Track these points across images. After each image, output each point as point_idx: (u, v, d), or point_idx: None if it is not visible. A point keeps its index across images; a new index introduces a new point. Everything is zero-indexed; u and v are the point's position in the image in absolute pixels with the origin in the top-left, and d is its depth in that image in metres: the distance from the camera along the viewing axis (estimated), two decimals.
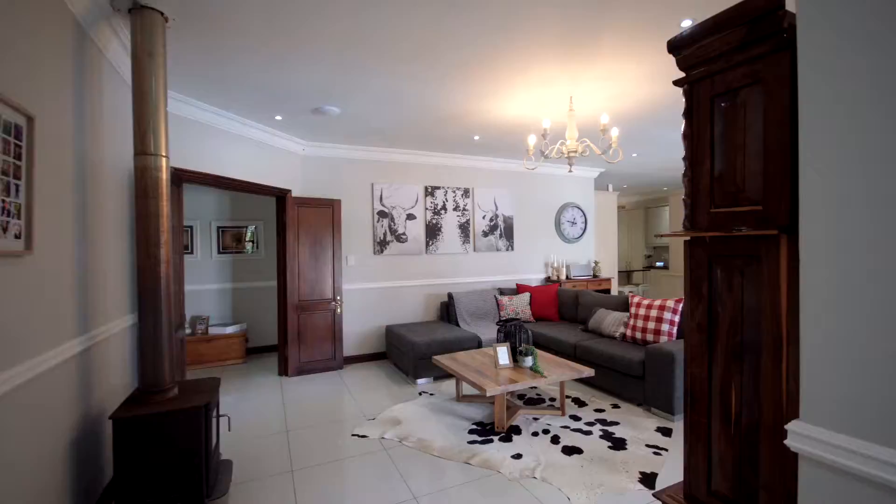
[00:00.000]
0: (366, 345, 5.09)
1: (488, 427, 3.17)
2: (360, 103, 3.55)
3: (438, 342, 4.28)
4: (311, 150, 4.80)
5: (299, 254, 4.50)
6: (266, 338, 5.57)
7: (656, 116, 4.02)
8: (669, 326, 3.76)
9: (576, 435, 3.03)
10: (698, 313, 1.31)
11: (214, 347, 4.96)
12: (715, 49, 1.21)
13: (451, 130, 4.38)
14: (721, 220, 1.23)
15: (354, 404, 3.70)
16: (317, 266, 4.59)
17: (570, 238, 6.48)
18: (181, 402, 2.12)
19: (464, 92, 3.35)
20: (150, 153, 2.16)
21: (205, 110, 3.50)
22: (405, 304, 5.30)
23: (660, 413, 3.37)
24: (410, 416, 3.40)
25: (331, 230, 4.67)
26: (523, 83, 3.20)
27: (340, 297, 4.70)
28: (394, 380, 4.37)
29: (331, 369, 4.67)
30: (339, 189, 4.96)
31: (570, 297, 5.23)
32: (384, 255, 5.16)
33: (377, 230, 5.12)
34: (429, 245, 5.41)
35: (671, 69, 3.01)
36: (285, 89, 3.22)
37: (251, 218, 5.58)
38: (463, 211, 5.64)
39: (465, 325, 4.96)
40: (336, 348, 4.69)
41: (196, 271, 5.27)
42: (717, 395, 1.27)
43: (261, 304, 5.56)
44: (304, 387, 4.17)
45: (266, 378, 4.47)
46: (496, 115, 3.90)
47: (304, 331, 4.52)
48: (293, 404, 3.72)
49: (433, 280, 5.45)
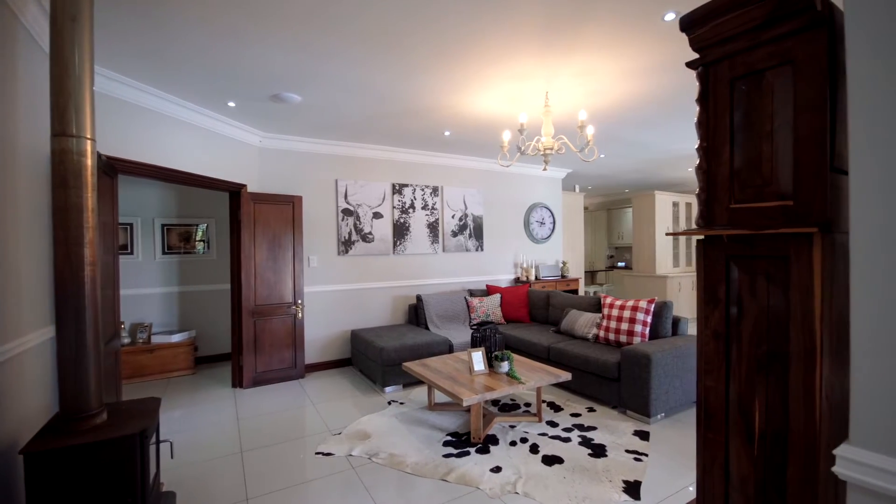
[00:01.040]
0: (329, 351, 4.78)
1: (464, 438, 2.99)
2: (323, 91, 3.27)
3: (408, 347, 4.06)
4: (269, 143, 4.44)
5: (256, 254, 4.14)
6: (218, 346, 5.12)
7: (627, 116, 4.00)
8: (642, 327, 3.74)
9: (555, 443, 2.92)
10: (714, 320, 1.18)
11: (158, 358, 4.49)
12: (735, 26, 1.09)
13: (420, 124, 4.18)
14: (742, 216, 1.11)
15: (318, 417, 3.42)
16: (275, 267, 4.24)
17: (538, 238, 6.44)
18: (111, 430, 1.80)
19: (435, 83, 3.16)
20: (71, 134, 1.82)
21: (146, 92, 3.10)
22: (372, 307, 5.03)
23: (636, 416, 3.32)
24: (380, 428, 3.17)
25: (291, 229, 4.34)
26: (498, 76, 3.05)
27: (302, 301, 4.37)
28: (360, 388, 4.11)
29: (291, 378, 4.33)
30: (301, 185, 4.63)
31: (541, 298, 5.16)
32: (349, 255, 4.88)
33: (342, 229, 4.83)
34: (396, 245, 5.17)
35: (649, 64, 2.97)
36: (240, 71, 2.90)
37: (201, 215, 5.12)
38: (432, 210, 5.45)
39: (434, 328, 4.77)
40: (297, 355, 4.36)
41: (137, 274, 4.76)
42: (736, 411, 1.15)
43: (212, 309, 5.11)
44: (261, 399, 3.83)
45: (218, 390, 4.07)
46: (468, 109, 3.74)
47: (261, 337, 4.16)
48: (248, 420, 3.38)
49: (401, 281, 5.22)
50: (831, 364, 0.99)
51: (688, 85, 3.25)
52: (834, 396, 1.02)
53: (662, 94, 3.44)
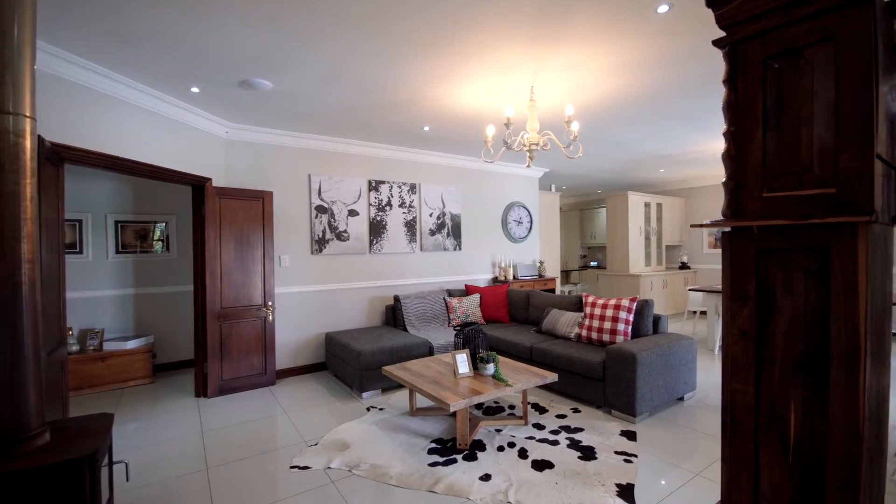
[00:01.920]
0: (302, 355, 4.53)
1: (449, 444, 2.86)
2: (296, 78, 3.06)
3: (387, 350, 3.88)
4: (237, 134, 4.15)
5: (222, 253, 3.85)
6: (180, 352, 4.76)
7: (608, 115, 3.99)
8: (625, 326, 3.73)
9: (543, 446, 2.83)
10: (742, 318, 1.10)
11: (111, 367, 4.11)
12: (769, 1, 1.01)
13: (400, 118, 4.01)
14: (777, 206, 1.03)
15: (291, 427, 3.19)
16: (244, 267, 3.96)
17: (516, 238, 6.40)
18: (55, 453, 1.56)
19: (418, 73, 3.02)
20: (7, 111, 1.57)
21: (98, 74, 2.80)
22: (347, 308, 4.82)
23: (621, 416, 3.29)
24: (360, 437, 2.98)
25: (260, 226, 4.07)
26: (483, 67, 2.94)
27: (272, 303, 4.11)
28: (336, 394, 3.89)
29: (261, 385, 4.06)
30: (271, 180, 4.36)
31: (521, 297, 5.10)
32: (323, 254, 4.64)
33: (315, 227, 4.59)
34: (373, 244, 4.98)
35: (636, 59, 2.90)
36: (205, 53, 2.65)
37: (160, 212, 4.75)
38: (409, 208, 5.28)
39: (413, 329, 4.61)
40: (267, 361, 4.09)
41: (87, 275, 4.35)
42: (768, 416, 1.07)
43: (173, 312, 4.75)
44: (229, 409, 3.55)
45: (179, 401, 3.75)
46: (450, 102, 3.62)
47: (227, 342, 3.88)
48: (214, 432, 3.11)
49: (378, 282, 5.03)
50: (877, 365, 0.92)
51: (671, 83, 3.25)
52: (870, 398, 0.95)
53: (644, 91, 3.43)
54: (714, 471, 2.52)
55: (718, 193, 7.93)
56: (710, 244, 8.16)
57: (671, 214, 8.26)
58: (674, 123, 4.34)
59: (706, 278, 8.16)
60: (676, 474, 2.48)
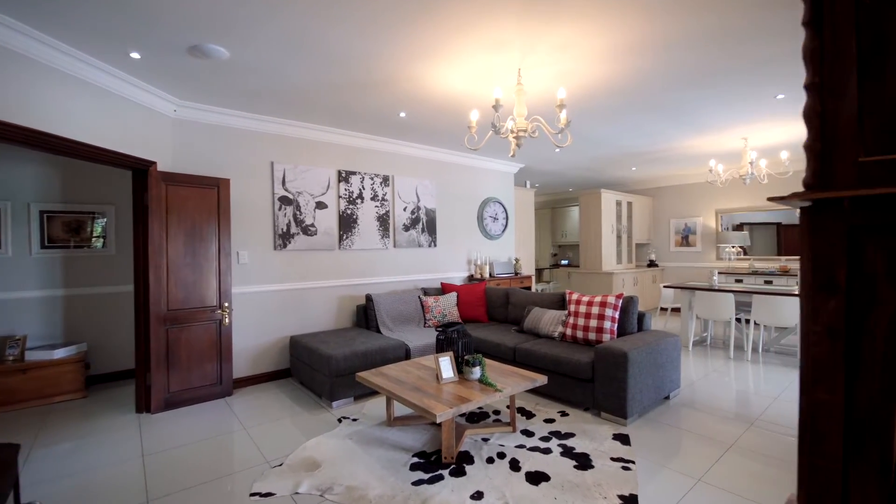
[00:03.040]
0: (264, 361, 4.11)
1: (434, 458, 2.58)
2: (257, 47, 2.69)
3: (360, 354, 3.55)
4: (188, 113, 3.69)
5: (168, 248, 3.39)
6: (119, 361, 4.22)
7: (592, 105, 3.84)
8: (611, 324, 3.58)
9: (535, 456, 2.61)
10: (828, 313, 0.90)
11: (35, 380, 3.54)
12: None
13: (374, 102, 3.69)
14: (878, 172, 0.83)
15: (251, 445, 2.81)
16: (195, 264, 3.51)
17: (492, 234, 6.20)
18: None
19: (393, 47, 2.72)
20: None
21: (16, 31, 2.31)
22: (314, 309, 4.43)
23: (611, 418, 3.13)
24: (332, 453, 2.65)
25: (215, 218, 3.63)
26: (469, 43, 2.68)
27: (229, 304, 3.67)
28: (303, 404, 3.52)
29: (215, 397, 3.62)
30: (228, 167, 3.92)
31: (500, 295, 4.89)
32: (288, 250, 4.24)
33: (279, 220, 4.17)
34: (343, 239, 4.61)
35: (629, 42, 2.67)
36: (146, 7, 2.24)
37: (97, 200, 4.18)
38: (382, 201, 4.96)
39: (387, 331, 4.29)
40: (222, 369, 3.65)
41: (5, 273, 3.74)
42: (862, 431, 0.87)
43: (111, 315, 4.19)
44: (177, 426, 3.11)
45: (117, 418, 3.26)
46: (429, 85, 3.34)
47: (175, 349, 3.42)
48: (159, 455, 2.68)
49: (348, 280, 4.67)
50: None
51: (658, 72, 3.12)
52: None
53: (632, 79, 3.30)
54: (715, 475, 2.38)
55: (684, 193, 8.09)
56: (676, 242, 8.31)
57: (640, 213, 8.35)
58: (653, 117, 4.26)
59: (673, 275, 8.30)
60: (678, 481, 2.33)
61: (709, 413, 3.27)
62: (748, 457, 2.60)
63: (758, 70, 3.15)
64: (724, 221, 7.63)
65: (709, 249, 7.82)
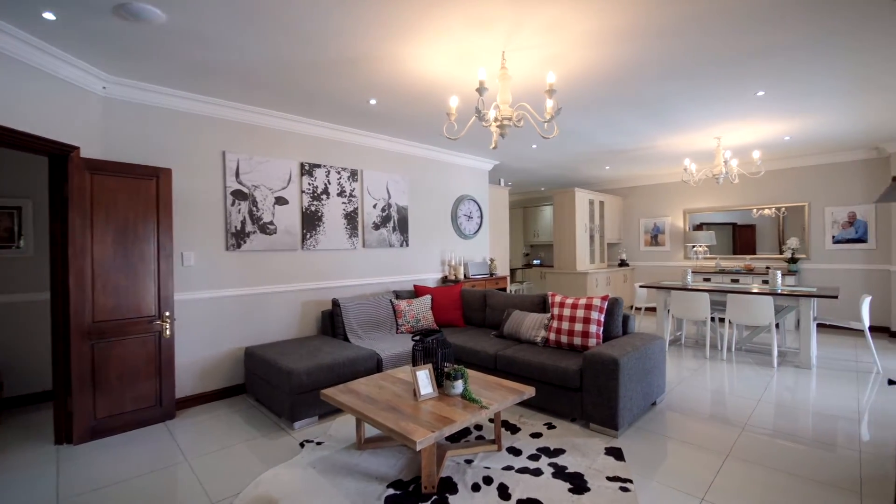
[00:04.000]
0: (214, 377, 3.63)
1: (412, 488, 2.25)
2: (200, 11, 2.27)
3: (325, 367, 3.17)
4: (120, 91, 3.18)
5: (94, 248, 2.88)
6: (33, 382, 3.61)
7: (575, 95, 3.63)
8: (597, 327, 3.38)
9: (525, 479, 2.33)
10: None
11: None
12: None
13: (341, 85, 3.32)
14: None
15: (194, 481, 2.37)
16: (128, 267, 3.01)
17: (467, 234, 5.93)
18: None
19: (364, 21, 2.38)
20: None
21: None
22: (274, 315, 3.98)
23: (600, 429, 2.91)
24: (291, 487, 2.26)
25: (154, 213, 3.14)
26: (449, 21, 2.38)
27: (171, 313, 3.19)
28: (259, 426, 3.09)
29: (154, 421, 3.13)
30: (171, 154, 3.42)
31: (477, 298, 4.61)
32: (243, 250, 3.78)
33: (232, 217, 3.71)
34: (306, 238, 4.19)
35: (619, 26, 2.38)
36: None
37: (7, 193, 3.57)
38: (350, 197, 4.57)
39: (356, 339, 3.92)
40: (162, 388, 3.16)
41: None
42: None
43: (27, 328, 3.59)
44: (104, 459, 2.62)
45: (32, 450, 2.72)
46: (403, 68, 3.01)
47: (104, 368, 2.91)
48: (81, 497, 2.20)
49: (312, 283, 4.25)
50: None
51: (644, 61, 2.93)
52: None
53: (617, 70, 3.10)
54: (720, 490, 2.19)
55: (654, 193, 8.14)
56: (646, 241, 8.35)
57: (612, 213, 8.34)
58: (633, 113, 4.11)
59: (644, 274, 8.34)
60: (683, 502, 2.12)
61: (697, 419, 3.12)
62: (748, 466, 2.44)
63: (744, 63, 3.02)
64: (690, 221, 7.72)
65: (677, 249, 7.90)
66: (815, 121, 4.48)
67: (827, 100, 3.80)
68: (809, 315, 4.37)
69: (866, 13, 2.39)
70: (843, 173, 6.11)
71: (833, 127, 4.73)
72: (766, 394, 3.62)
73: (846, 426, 2.96)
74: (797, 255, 6.44)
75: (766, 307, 4.44)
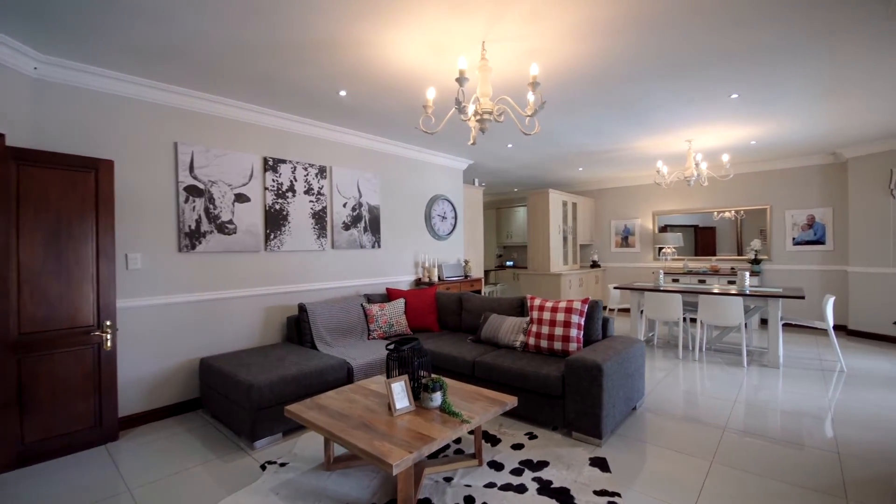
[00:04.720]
0: (164, 392, 3.29)
1: None
2: None
3: (290, 378, 2.92)
4: (56, 72, 2.81)
5: (21, 250, 2.52)
6: None
7: (556, 91, 3.53)
8: (577, 331, 3.29)
9: (509, 496, 2.18)
10: None
11: None
12: None
13: (307, 72, 3.07)
14: None
15: None
16: (61, 272, 2.66)
17: (440, 234, 5.75)
18: None
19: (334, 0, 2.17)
20: None
21: None
22: (233, 322, 3.67)
23: (583, 438, 2.81)
24: None
25: (92, 211, 2.79)
26: (427, 4, 2.21)
27: (112, 322, 2.84)
28: (215, 446, 2.80)
29: (93, 444, 2.77)
30: (114, 145, 3.07)
31: (452, 301, 4.45)
32: (198, 252, 3.45)
33: (186, 215, 3.38)
34: (270, 239, 3.90)
35: (606, 18, 2.20)
36: None
37: None
38: (318, 195, 4.30)
39: (324, 346, 3.67)
40: (102, 406, 2.81)
41: None
42: None
43: None
44: (32, 491, 2.27)
45: None
46: (376, 55, 2.81)
47: (33, 385, 2.55)
48: None
49: (277, 287, 3.96)
50: None
51: (629, 56, 2.85)
52: None
53: (598, 65, 3.01)
54: (710, 498, 2.12)
55: (625, 195, 8.24)
56: (616, 243, 8.45)
57: (584, 214, 8.38)
58: (610, 113, 4.06)
59: (615, 276, 8.43)
60: None
61: (677, 422, 3.07)
62: (736, 470, 2.39)
63: (721, 65, 3.01)
64: (658, 223, 7.86)
65: (647, 250, 8.02)
66: (780, 125, 4.59)
67: (794, 102, 3.87)
68: (777, 315, 4.46)
69: (852, 16, 2.39)
70: (803, 177, 6.35)
71: (795, 132, 4.87)
72: (741, 394, 3.64)
73: (817, 425, 2.98)
74: (760, 256, 6.65)
75: (736, 308, 4.50)
